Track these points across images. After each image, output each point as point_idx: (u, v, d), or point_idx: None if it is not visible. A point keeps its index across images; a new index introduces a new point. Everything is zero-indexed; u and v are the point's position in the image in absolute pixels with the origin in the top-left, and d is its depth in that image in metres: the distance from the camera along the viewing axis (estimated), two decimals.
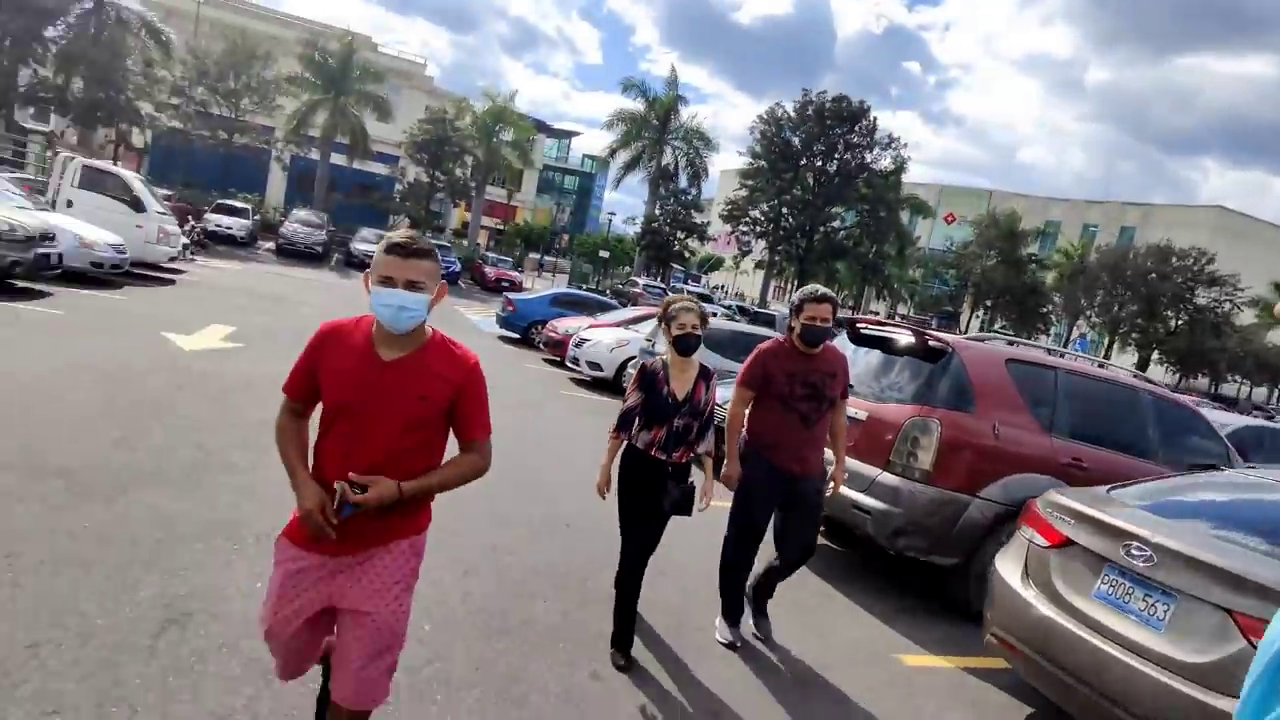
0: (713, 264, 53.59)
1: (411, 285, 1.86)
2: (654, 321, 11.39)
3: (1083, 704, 2.91)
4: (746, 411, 3.74)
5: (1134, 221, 55.22)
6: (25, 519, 3.45)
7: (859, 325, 5.44)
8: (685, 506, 3.36)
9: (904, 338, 5.06)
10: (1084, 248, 42.84)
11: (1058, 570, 3.20)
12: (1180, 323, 38.75)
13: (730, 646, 3.65)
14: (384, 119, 34.40)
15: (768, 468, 3.65)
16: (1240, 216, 54.51)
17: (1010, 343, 5.59)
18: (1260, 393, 44.78)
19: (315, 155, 34.23)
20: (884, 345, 5.21)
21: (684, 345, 3.32)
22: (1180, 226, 48.51)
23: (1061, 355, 5.48)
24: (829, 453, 3.89)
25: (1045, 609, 3.13)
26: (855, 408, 4.63)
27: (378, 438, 1.89)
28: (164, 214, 14.23)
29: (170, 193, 22.79)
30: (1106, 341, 41.64)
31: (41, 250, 9.46)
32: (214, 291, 13.49)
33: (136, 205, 13.28)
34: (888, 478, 4.55)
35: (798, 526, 3.77)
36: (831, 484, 3.86)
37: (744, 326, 12.69)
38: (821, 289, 3.67)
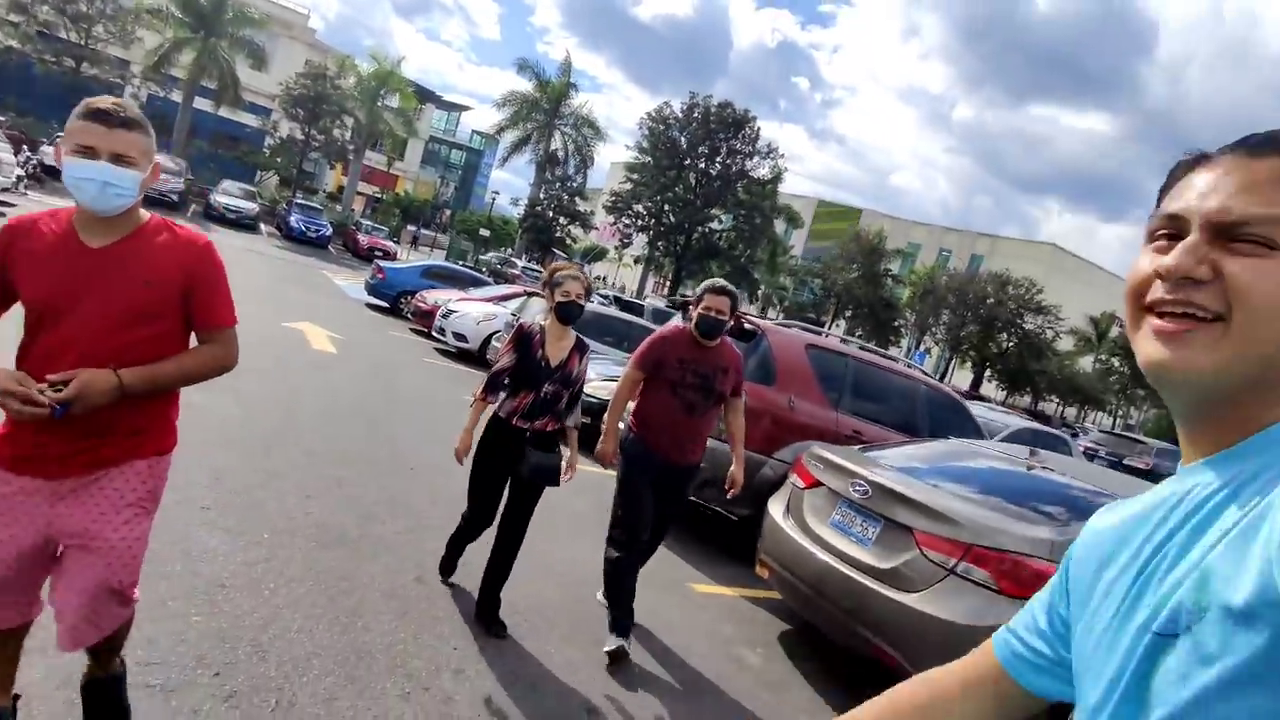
0: (596, 254, 54.18)
1: (119, 159, 1.61)
2: (522, 299, 11.81)
3: (820, 613, 3.68)
4: (633, 394, 3.69)
5: (983, 250, 60.63)
6: None
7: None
8: (550, 475, 3.33)
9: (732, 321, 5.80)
10: (935, 270, 46.73)
11: (808, 506, 3.97)
12: (1010, 345, 43.20)
13: (619, 654, 3.34)
14: (258, 67, 32.63)
15: (647, 452, 3.60)
16: (1070, 255, 61.05)
17: (815, 334, 6.47)
18: (1071, 412, 50.45)
19: (177, 98, 31.95)
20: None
21: (566, 312, 3.32)
22: (1020, 259, 53.80)
23: (855, 346, 6.43)
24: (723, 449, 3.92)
25: (796, 535, 3.90)
26: None
27: (96, 336, 1.65)
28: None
29: (2, 119, 20.75)
30: (949, 357, 45.79)
31: None
32: None
33: None
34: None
35: (660, 514, 3.71)
36: (730, 485, 3.76)
37: (610, 310, 13.32)
38: (722, 282, 3.72)
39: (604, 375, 7.72)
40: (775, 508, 4.23)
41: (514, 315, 11.12)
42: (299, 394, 6.66)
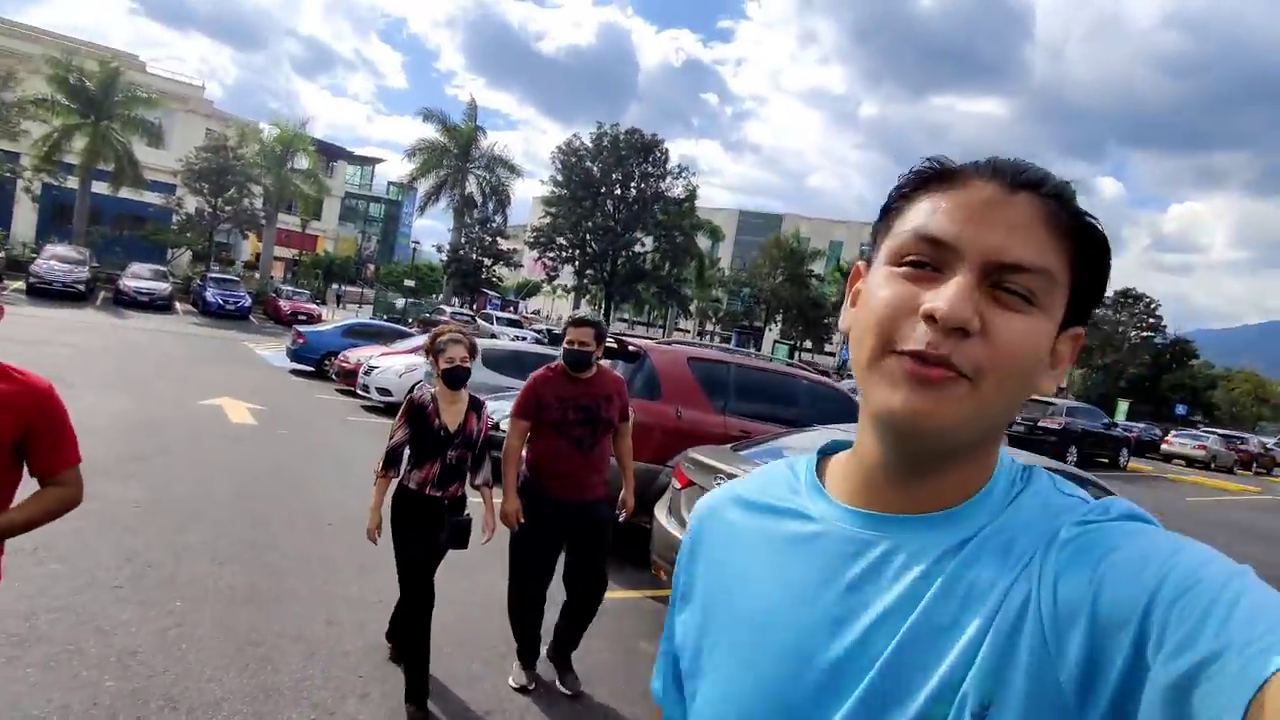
0: (530, 289, 54.44)
1: None
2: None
3: None
4: (524, 443, 3.64)
5: None
6: None
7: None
8: (461, 540, 3.35)
9: (613, 346, 6.25)
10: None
11: (684, 504, 4.40)
12: None
13: (523, 690, 3.55)
14: (156, 144, 32.13)
15: (548, 498, 3.57)
16: None
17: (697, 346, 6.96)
18: None
19: (74, 184, 31.20)
20: (611, 353, 6.37)
21: (453, 379, 3.28)
22: None
23: (734, 353, 6.95)
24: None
25: (676, 532, 4.31)
26: None
27: None
28: None
29: None
30: None
31: None
32: None
33: None
34: None
35: (583, 554, 3.71)
36: (622, 507, 3.85)
37: (524, 346, 13.65)
38: (584, 314, 3.72)
39: None
40: (660, 511, 4.65)
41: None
42: (213, 469, 6.81)
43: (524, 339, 26.66)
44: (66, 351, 12.68)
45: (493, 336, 21.66)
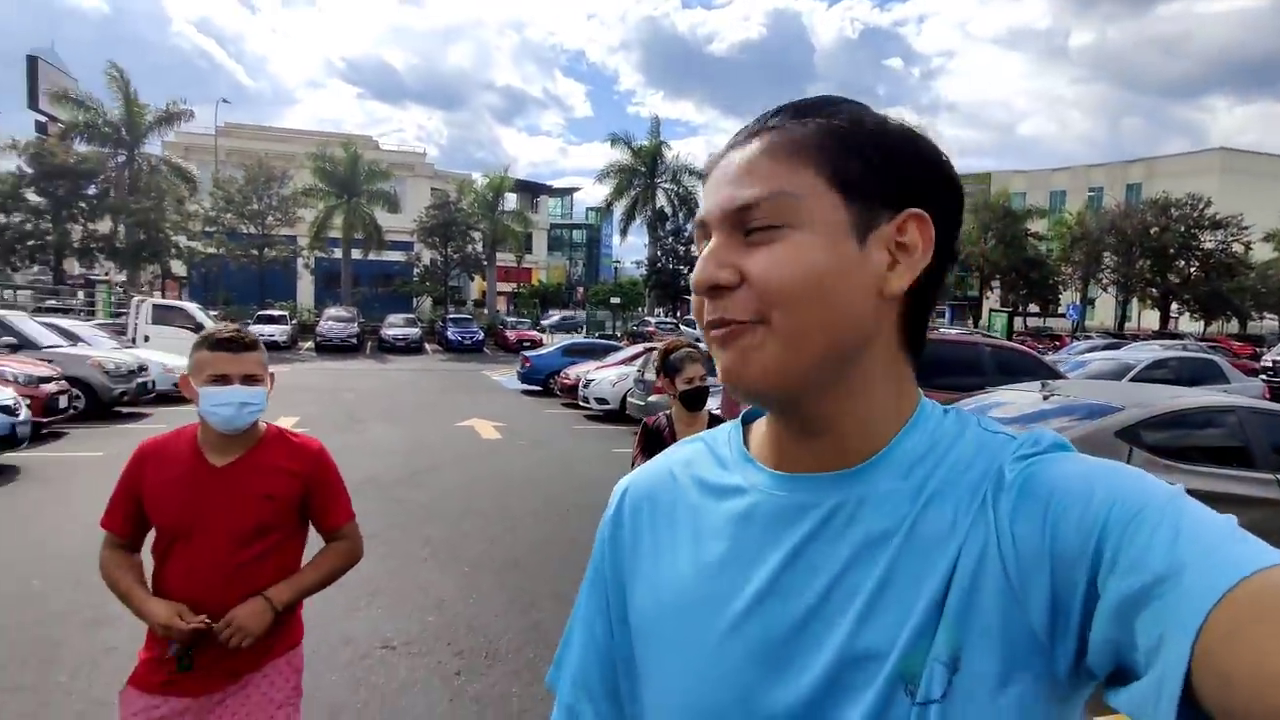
0: None
1: (249, 379, 1.75)
2: (644, 356, 13.20)
3: None
4: None
5: (1138, 177, 55.87)
6: None
7: None
8: None
9: None
10: (1081, 215, 43.82)
11: None
12: (1192, 270, 39.37)
13: None
14: (394, 210, 37.27)
15: None
16: (1245, 154, 54.95)
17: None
18: None
19: (337, 254, 37.11)
20: None
21: (692, 401, 2.84)
22: (1186, 175, 49.16)
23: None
24: None
25: None
26: None
27: (220, 552, 1.73)
28: None
29: (215, 312, 25.43)
30: (1123, 299, 42.37)
31: (140, 380, 11.66)
32: (275, 392, 15.59)
33: (199, 330, 15.61)
34: None
35: None
36: None
37: None
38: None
39: None
40: None
41: (639, 372, 12.53)
42: (475, 476, 8.33)
43: None
44: (351, 395, 15.53)
45: (697, 340, 22.67)
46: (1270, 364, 16.66)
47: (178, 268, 32.72)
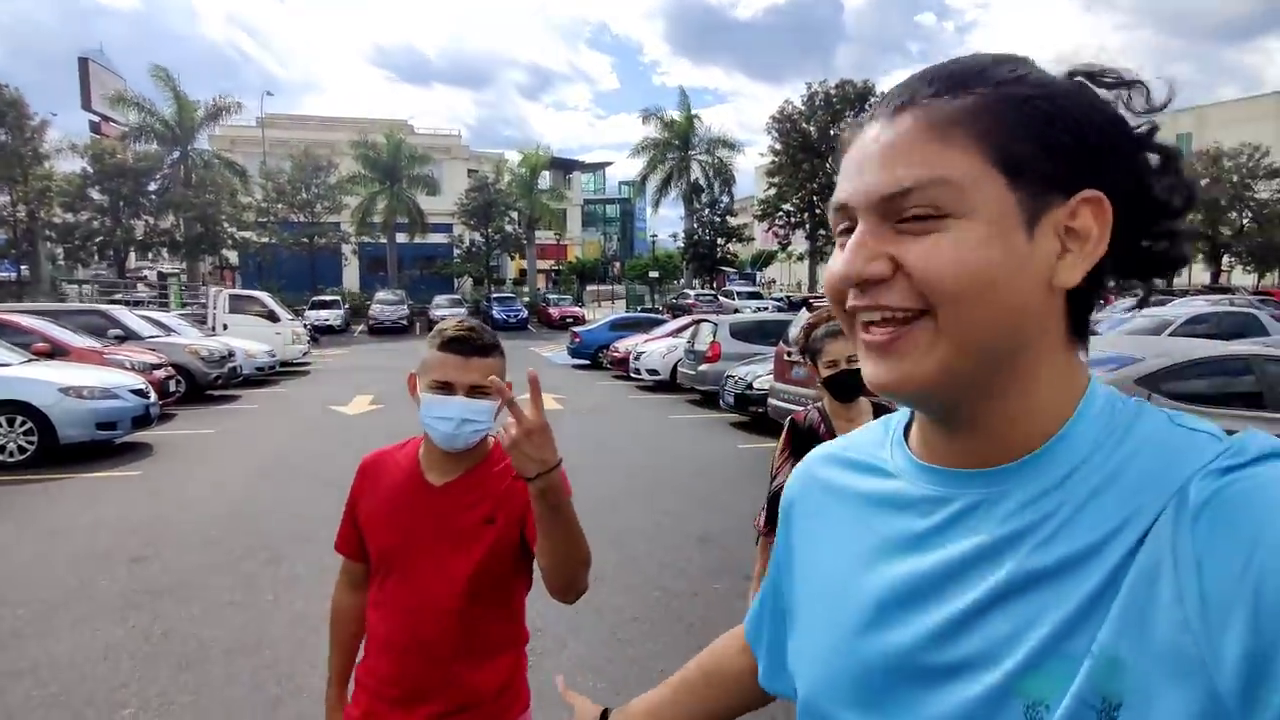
0: (764, 259, 55.51)
1: (476, 391, 1.47)
2: (693, 328, 13.80)
3: None
4: None
5: (1188, 127, 54.03)
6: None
7: (810, 301, 7.77)
8: None
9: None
10: None
11: None
12: (1246, 221, 38.47)
13: None
14: (433, 193, 38.13)
15: None
16: None
17: None
18: None
19: (382, 239, 38.19)
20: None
21: (840, 388, 2.28)
22: (1240, 122, 47.43)
23: None
24: None
25: None
26: None
27: (433, 591, 1.49)
28: (293, 320, 17.61)
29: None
30: None
31: (230, 365, 12.68)
32: (341, 373, 16.70)
33: (272, 317, 16.70)
34: None
35: None
36: None
37: (766, 315, 14.98)
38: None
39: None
40: None
41: (689, 342, 13.16)
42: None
43: (765, 309, 28.00)
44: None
45: (735, 311, 23.19)
46: None
47: (232, 258, 34.08)
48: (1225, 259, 40.11)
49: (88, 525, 5.60)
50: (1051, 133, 0.51)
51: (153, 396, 8.51)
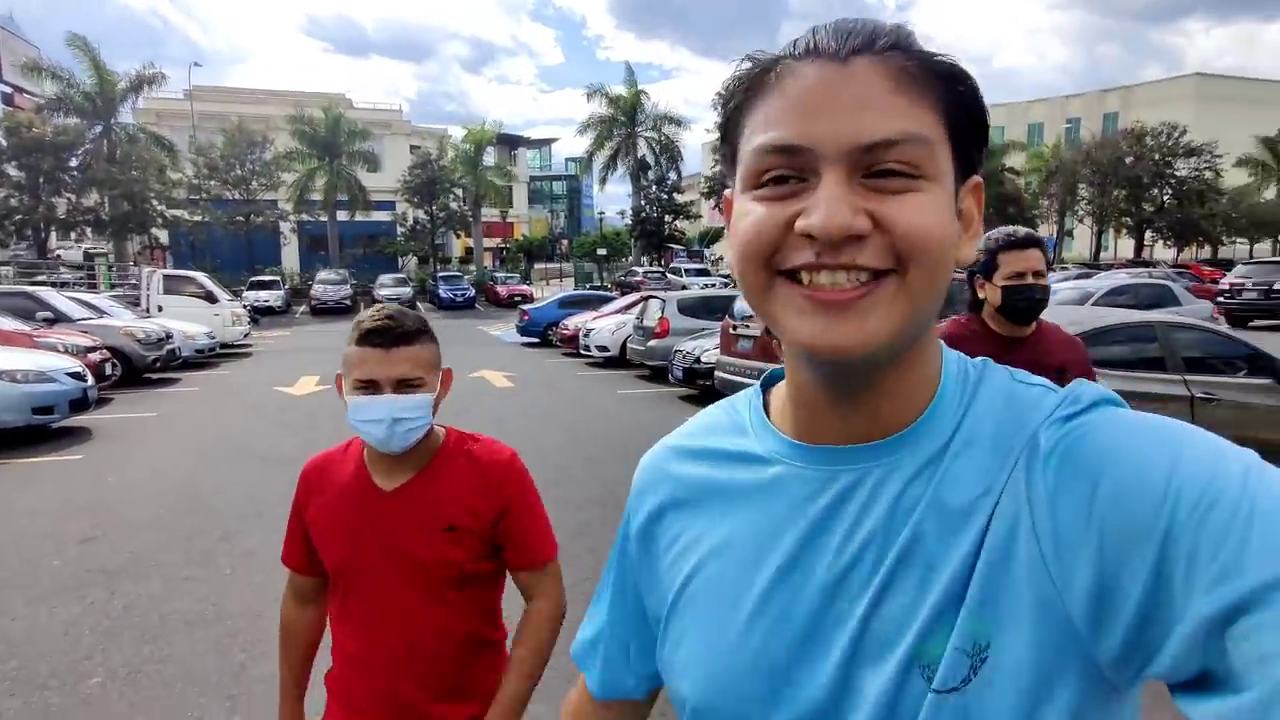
0: (712, 236, 55.86)
1: (404, 385, 1.31)
2: (642, 304, 13.95)
3: None
4: None
5: (1114, 106, 56.14)
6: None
7: None
8: None
9: None
10: (1055, 149, 44.41)
11: None
12: (1166, 198, 40.27)
13: None
14: (374, 169, 37.23)
15: None
16: (1220, 80, 55.33)
17: None
18: (1263, 249, 45.68)
19: (322, 217, 37.19)
20: None
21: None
22: (1162, 102, 49.57)
23: None
24: None
25: None
26: (753, 329, 7.21)
27: (395, 606, 1.36)
28: (232, 301, 17.15)
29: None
30: (1098, 230, 43.39)
31: (169, 347, 12.35)
32: (285, 354, 16.40)
33: (210, 298, 16.25)
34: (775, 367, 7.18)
35: None
36: None
37: (713, 291, 15.23)
38: (1022, 229, 2.24)
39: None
40: None
41: (638, 319, 13.32)
42: (501, 419, 9.19)
43: (713, 285, 28.38)
44: None
45: (683, 288, 23.45)
46: (1227, 286, 17.68)
47: (163, 237, 32.79)
48: (1148, 234, 42.07)
49: (29, 509, 5.51)
50: (975, 111, 0.53)
51: (90, 380, 8.29)
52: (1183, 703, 0.44)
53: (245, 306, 23.51)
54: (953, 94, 0.52)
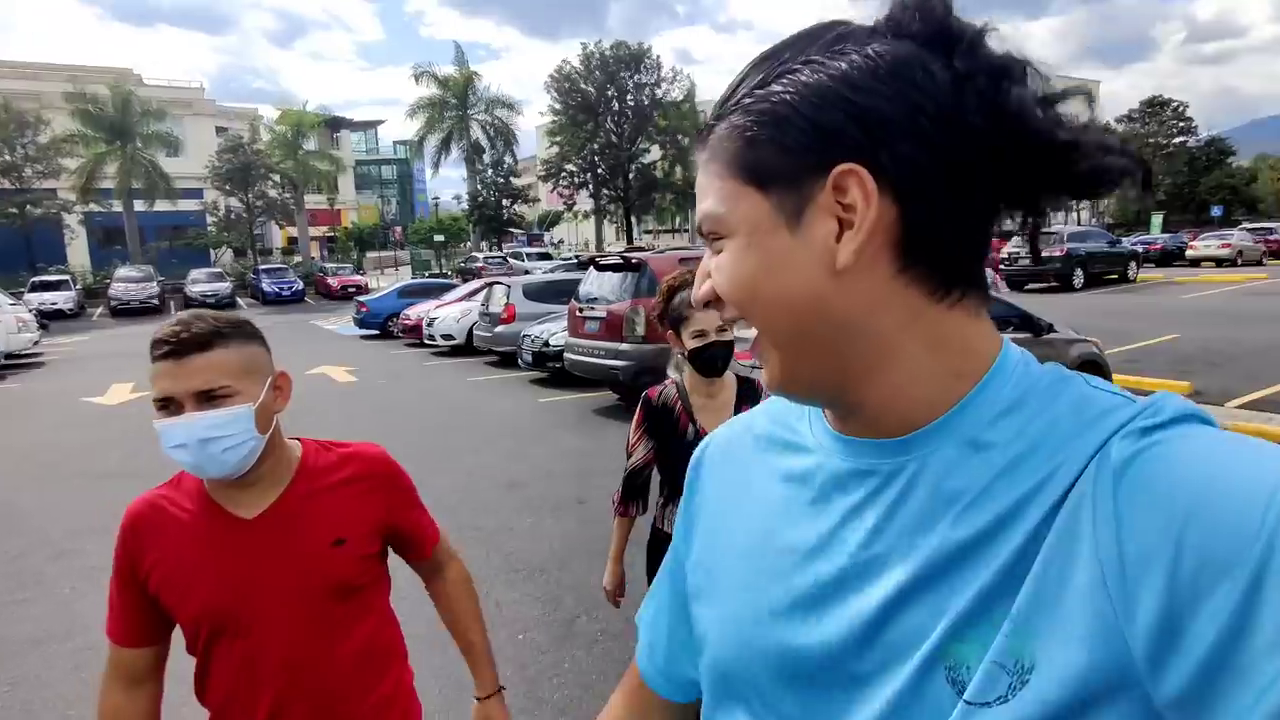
0: (552, 220, 55.76)
1: (206, 398, 1.13)
2: (486, 290, 13.94)
3: None
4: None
5: None
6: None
7: (596, 259, 8.42)
8: None
9: (619, 261, 8.09)
10: None
11: None
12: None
13: None
14: (176, 153, 33.99)
15: None
16: None
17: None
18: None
19: (116, 208, 33.48)
20: (613, 269, 8.21)
21: (707, 363, 2.10)
22: None
23: None
24: None
25: None
26: (599, 310, 7.61)
27: (295, 636, 1.23)
28: (14, 305, 15.23)
29: None
30: None
31: None
32: (86, 360, 14.85)
33: None
34: (624, 345, 7.61)
35: None
36: None
37: (558, 275, 15.47)
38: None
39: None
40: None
41: (483, 305, 13.31)
42: (350, 416, 8.99)
43: (555, 269, 28.52)
44: None
45: (526, 272, 23.48)
46: (1007, 255, 20.25)
47: None
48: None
49: None
50: (790, 130, 0.51)
51: None
52: None
53: (30, 311, 20.98)
54: (748, 139, 0.52)
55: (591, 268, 8.50)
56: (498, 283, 13.60)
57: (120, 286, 26.93)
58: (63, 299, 25.21)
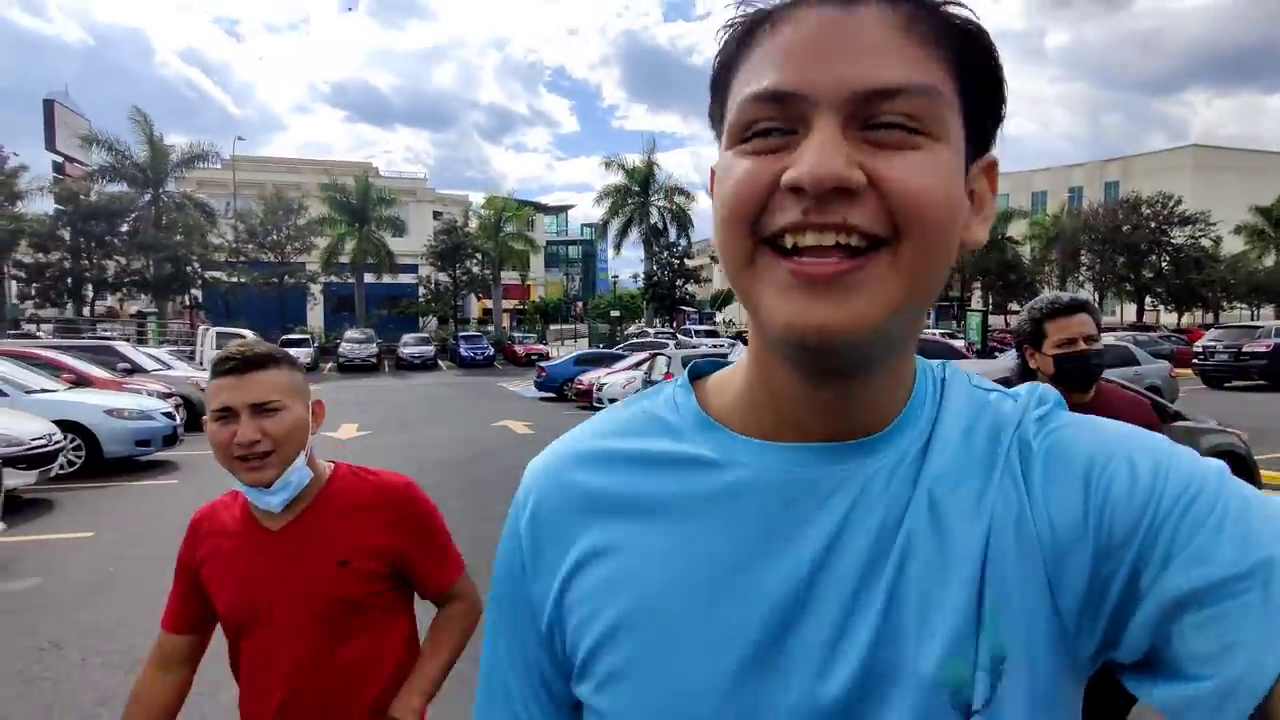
0: (722, 299, 57.48)
1: (261, 410, 1.28)
2: (649, 360, 15.32)
3: None
4: None
5: (1115, 175, 58.03)
6: None
7: (742, 334, 9.33)
8: None
9: None
10: (1057, 218, 46.08)
11: None
12: (1164, 265, 41.59)
13: None
14: (400, 234, 39.25)
15: None
16: (1215, 150, 57.25)
17: None
18: (1267, 314, 46.40)
19: (349, 279, 39.10)
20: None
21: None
22: (1160, 172, 51.42)
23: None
24: None
25: None
26: None
27: (296, 645, 1.33)
28: None
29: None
30: (1098, 296, 44.69)
31: None
32: (326, 405, 17.76)
33: None
34: None
35: None
36: None
37: (722, 350, 16.58)
38: (1066, 294, 2.07)
39: None
40: None
41: (645, 373, 14.65)
42: (521, 459, 10.37)
43: (720, 345, 29.76)
44: (390, 405, 17.65)
45: (694, 347, 24.80)
46: (1201, 349, 18.80)
47: (199, 297, 34.70)
48: (1148, 299, 43.31)
49: (154, 514, 6.82)
50: (992, 76, 0.47)
51: (178, 419, 9.69)
52: (1132, 684, 0.45)
53: None
54: (969, 54, 0.46)
55: (739, 342, 9.45)
56: (659, 353, 14.94)
57: (347, 346, 31.54)
58: (303, 354, 29.90)
